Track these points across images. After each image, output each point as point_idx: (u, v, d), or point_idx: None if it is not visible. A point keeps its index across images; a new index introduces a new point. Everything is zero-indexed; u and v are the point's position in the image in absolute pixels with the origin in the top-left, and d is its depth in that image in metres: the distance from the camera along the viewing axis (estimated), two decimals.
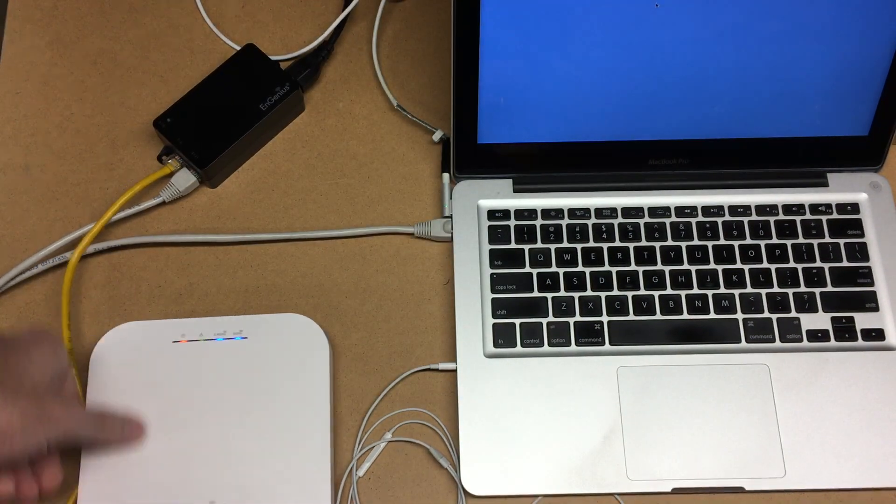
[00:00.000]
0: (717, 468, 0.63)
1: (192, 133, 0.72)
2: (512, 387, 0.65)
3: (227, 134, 0.72)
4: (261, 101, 0.73)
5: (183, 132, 0.72)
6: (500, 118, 0.69)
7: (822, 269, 0.69)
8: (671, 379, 0.66)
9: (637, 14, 0.63)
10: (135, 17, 0.80)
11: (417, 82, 0.77)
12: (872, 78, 0.67)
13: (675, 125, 0.69)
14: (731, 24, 0.64)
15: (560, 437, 0.64)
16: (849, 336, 0.67)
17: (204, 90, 0.73)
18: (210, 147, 0.71)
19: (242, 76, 0.74)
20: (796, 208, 0.71)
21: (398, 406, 0.66)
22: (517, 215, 0.71)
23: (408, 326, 0.69)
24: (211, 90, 0.73)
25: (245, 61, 0.75)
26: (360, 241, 0.72)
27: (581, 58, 0.65)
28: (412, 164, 0.75)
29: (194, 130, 0.72)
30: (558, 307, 0.68)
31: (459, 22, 0.63)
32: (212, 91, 0.73)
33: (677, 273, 0.69)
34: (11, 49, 0.79)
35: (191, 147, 0.71)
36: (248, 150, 0.74)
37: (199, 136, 0.72)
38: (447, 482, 0.64)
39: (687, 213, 0.71)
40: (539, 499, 0.63)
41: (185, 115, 0.73)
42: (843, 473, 0.63)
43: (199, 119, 0.72)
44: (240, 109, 0.72)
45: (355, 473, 0.64)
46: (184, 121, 0.72)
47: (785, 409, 0.65)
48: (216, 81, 0.74)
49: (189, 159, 0.71)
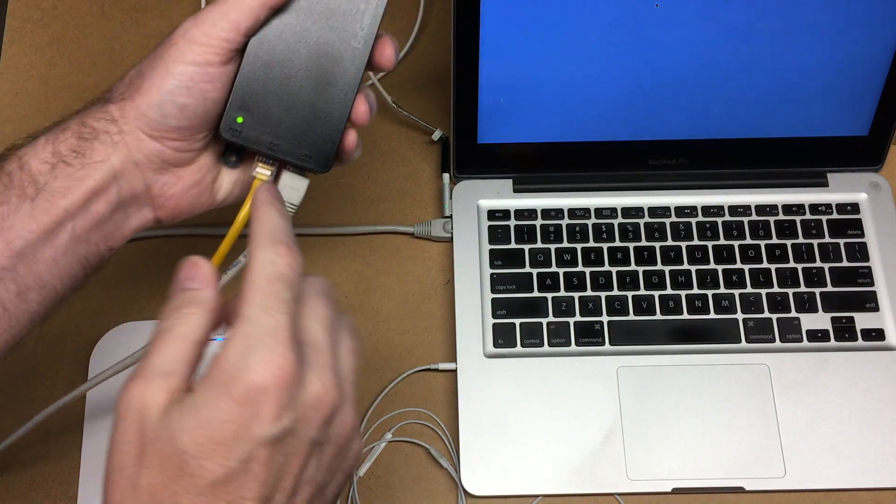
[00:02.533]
0: (717, 468, 0.63)
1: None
2: (512, 387, 0.65)
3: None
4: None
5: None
6: (499, 118, 0.69)
7: (822, 269, 0.69)
8: (671, 379, 0.66)
9: (637, 14, 0.63)
10: (135, 17, 0.80)
11: (417, 82, 0.77)
12: (872, 78, 0.67)
13: (676, 125, 0.69)
14: (732, 23, 0.64)
15: (560, 437, 0.64)
16: (849, 336, 0.67)
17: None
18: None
19: None
20: (796, 208, 0.71)
21: (398, 406, 0.66)
22: (517, 215, 0.71)
23: (408, 326, 0.69)
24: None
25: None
26: (360, 241, 0.72)
27: (581, 58, 0.65)
28: (412, 164, 0.75)
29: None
30: (558, 307, 0.68)
31: (459, 21, 0.63)
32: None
33: (677, 273, 0.69)
34: (11, 49, 0.79)
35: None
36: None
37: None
38: (447, 482, 0.64)
39: (687, 213, 0.71)
40: (539, 499, 0.63)
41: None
42: (843, 473, 0.63)
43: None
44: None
45: (355, 473, 0.64)
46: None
47: (785, 409, 0.65)
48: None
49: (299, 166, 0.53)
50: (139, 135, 0.49)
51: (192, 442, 0.38)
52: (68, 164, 0.48)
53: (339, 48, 0.51)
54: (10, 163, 0.48)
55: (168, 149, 0.50)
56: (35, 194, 0.47)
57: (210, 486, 0.38)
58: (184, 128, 0.50)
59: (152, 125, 0.49)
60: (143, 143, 0.50)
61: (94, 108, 0.50)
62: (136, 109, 0.49)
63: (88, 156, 0.48)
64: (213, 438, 0.38)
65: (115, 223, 0.50)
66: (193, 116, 0.50)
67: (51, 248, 0.48)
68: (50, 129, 0.50)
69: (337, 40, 0.51)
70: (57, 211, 0.48)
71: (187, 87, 0.49)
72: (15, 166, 0.48)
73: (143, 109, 0.49)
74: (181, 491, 0.38)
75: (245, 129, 0.51)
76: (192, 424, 0.38)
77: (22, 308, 0.48)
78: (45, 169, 0.48)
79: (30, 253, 0.47)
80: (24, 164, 0.48)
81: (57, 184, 0.48)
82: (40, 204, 0.47)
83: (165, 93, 0.48)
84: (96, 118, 0.49)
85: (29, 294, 0.48)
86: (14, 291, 0.47)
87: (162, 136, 0.50)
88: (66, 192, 0.48)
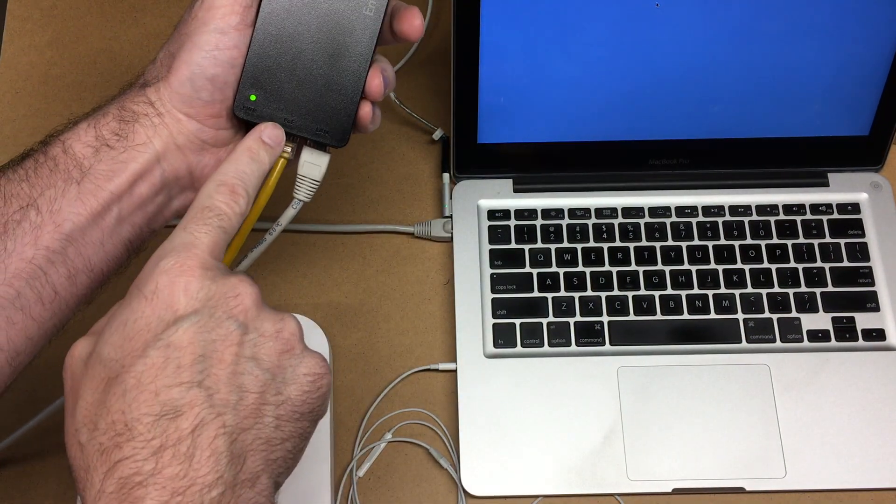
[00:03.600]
0: (717, 468, 0.63)
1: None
2: (512, 387, 0.65)
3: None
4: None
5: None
6: (500, 118, 0.69)
7: (822, 269, 0.69)
8: (671, 379, 0.65)
9: (637, 13, 0.63)
10: (135, 17, 0.80)
11: (417, 81, 0.77)
12: (873, 77, 0.67)
13: (676, 125, 0.69)
14: (732, 23, 0.64)
15: (560, 438, 0.64)
16: (849, 336, 0.67)
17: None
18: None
19: None
20: (797, 208, 0.71)
21: (398, 406, 0.66)
22: (517, 215, 0.71)
23: (408, 326, 0.69)
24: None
25: None
26: (360, 241, 0.72)
27: (581, 57, 0.65)
28: (412, 164, 0.75)
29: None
30: (558, 307, 0.68)
31: (459, 21, 0.63)
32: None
33: (678, 273, 0.69)
34: (11, 49, 0.79)
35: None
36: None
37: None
38: (447, 482, 0.64)
39: (687, 213, 0.71)
40: (539, 499, 0.63)
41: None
42: (843, 474, 0.63)
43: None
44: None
45: (355, 473, 0.64)
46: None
47: (785, 409, 0.65)
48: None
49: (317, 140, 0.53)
50: (177, 115, 0.50)
51: (112, 348, 0.40)
52: (111, 147, 0.49)
53: (349, 18, 0.50)
54: (53, 147, 0.49)
55: (207, 126, 0.51)
56: (81, 178, 0.48)
57: (135, 383, 0.38)
58: (216, 101, 0.50)
59: (187, 102, 0.49)
60: (182, 124, 0.50)
61: (132, 93, 0.50)
62: (170, 89, 0.49)
63: (131, 139, 0.49)
64: (128, 335, 0.40)
65: (159, 205, 0.51)
66: (224, 87, 0.50)
67: (98, 230, 0.48)
68: (90, 114, 0.50)
69: (347, 10, 0.50)
70: (104, 194, 0.48)
71: (214, 57, 0.49)
72: (59, 150, 0.48)
73: (175, 87, 0.49)
74: (109, 398, 0.39)
75: (259, 107, 0.51)
76: (110, 336, 0.40)
77: (71, 291, 0.48)
78: (89, 153, 0.48)
79: (78, 236, 0.48)
80: (67, 148, 0.48)
81: (102, 167, 0.48)
82: (87, 187, 0.48)
83: (195, 66, 0.49)
84: (135, 101, 0.50)
85: (78, 277, 0.48)
86: (65, 275, 0.48)
87: (198, 112, 0.50)
88: (111, 175, 0.48)
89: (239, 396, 0.40)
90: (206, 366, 0.39)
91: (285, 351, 0.42)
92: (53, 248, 0.47)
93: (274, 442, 0.41)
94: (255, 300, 0.42)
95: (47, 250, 0.47)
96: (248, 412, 0.40)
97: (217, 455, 0.38)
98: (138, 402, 0.38)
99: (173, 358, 0.39)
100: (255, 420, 0.40)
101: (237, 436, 0.39)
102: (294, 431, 0.42)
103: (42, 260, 0.47)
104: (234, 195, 0.45)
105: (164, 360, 0.39)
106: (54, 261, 0.47)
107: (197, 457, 0.38)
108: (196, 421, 0.38)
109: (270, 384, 0.41)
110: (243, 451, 0.39)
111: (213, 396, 0.39)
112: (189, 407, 0.38)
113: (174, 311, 0.40)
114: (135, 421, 0.38)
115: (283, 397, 0.42)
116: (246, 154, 0.48)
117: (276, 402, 0.41)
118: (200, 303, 0.40)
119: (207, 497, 0.37)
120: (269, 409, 0.41)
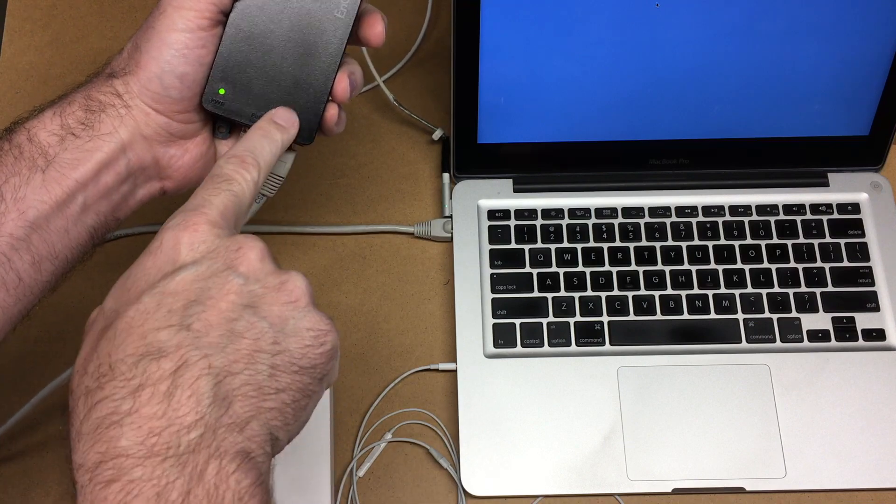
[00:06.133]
0: (717, 468, 0.63)
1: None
2: (512, 387, 0.65)
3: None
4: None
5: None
6: (500, 118, 0.69)
7: (822, 269, 0.69)
8: (671, 379, 0.65)
9: (637, 13, 0.63)
10: (135, 17, 0.80)
11: (417, 81, 0.77)
12: (873, 77, 0.67)
13: (676, 125, 0.69)
14: (732, 23, 0.64)
15: (560, 438, 0.64)
16: (849, 336, 0.67)
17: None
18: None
19: None
20: (797, 208, 0.71)
21: (398, 406, 0.66)
22: (517, 215, 0.71)
23: (408, 326, 0.69)
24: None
25: None
26: (360, 241, 0.72)
27: (581, 57, 0.65)
28: (412, 164, 0.75)
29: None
30: (558, 307, 0.68)
31: (459, 21, 0.63)
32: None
33: (678, 273, 0.69)
34: (11, 49, 0.79)
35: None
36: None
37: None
38: (447, 482, 0.64)
39: (687, 213, 0.71)
40: (539, 499, 0.63)
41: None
42: (843, 474, 0.63)
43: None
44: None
45: (355, 474, 0.64)
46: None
47: (785, 409, 0.65)
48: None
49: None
50: (145, 109, 0.50)
51: (112, 299, 0.40)
52: (77, 136, 0.49)
53: (321, 19, 0.51)
54: (18, 135, 0.49)
55: (175, 121, 0.51)
56: (46, 166, 0.48)
57: (125, 326, 0.38)
58: (185, 98, 0.51)
59: (156, 98, 0.50)
60: (150, 118, 0.50)
61: (98, 82, 0.51)
62: (139, 84, 0.50)
63: (97, 128, 0.49)
64: (128, 287, 0.40)
65: (123, 194, 0.51)
66: (193, 84, 0.50)
67: (62, 218, 0.49)
68: (55, 102, 0.50)
69: (319, 10, 0.51)
70: (69, 182, 0.48)
71: (183, 56, 0.49)
72: (24, 138, 0.49)
73: (144, 83, 0.50)
74: (100, 343, 0.39)
75: (227, 101, 0.51)
76: (113, 291, 0.41)
77: (35, 278, 0.48)
78: (54, 141, 0.49)
79: (43, 223, 0.48)
80: (32, 136, 0.49)
81: (67, 155, 0.48)
82: (52, 175, 0.48)
83: (164, 63, 0.49)
84: (102, 92, 0.50)
85: (43, 264, 0.48)
86: (29, 261, 0.48)
87: (166, 108, 0.50)
88: (76, 164, 0.48)
89: (230, 340, 0.39)
90: (199, 310, 0.39)
91: (289, 302, 0.41)
92: (17, 235, 0.47)
93: (266, 390, 0.39)
94: (261, 255, 0.41)
95: (11, 237, 0.47)
96: (239, 356, 0.39)
97: (198, 395, 0.37)
98: (125, 345, 0.38)
99: (166, 303, 0.39)
100: (247, 366, 0.39)
101: (223, 378, 0.38)
102: (291, 383, 0.40)
103: (5, 247, 0.47)
104: (243, 164, 0.45)
105: (157, 305, 0.39)
106: (18, 248, 0.47)
107: (177, 396, 0.37)
108: (179, 361, 0.37)
109: (267, 332, 0.40)
110: (229, 395, 0.38)
111: (201, 339, 0.38)
112: (175, 348, 0.37)
113: (174, 262, 0.40)
114: (118, 362, 0.37)
115: (281, 347, 0.40)
116: (257, 132, 0.49)
117: (271, 351, 0.40)
118: (201, 254, 0.40)
119: (185, 438, 0.36)
120: (263, 356, 0.39)
